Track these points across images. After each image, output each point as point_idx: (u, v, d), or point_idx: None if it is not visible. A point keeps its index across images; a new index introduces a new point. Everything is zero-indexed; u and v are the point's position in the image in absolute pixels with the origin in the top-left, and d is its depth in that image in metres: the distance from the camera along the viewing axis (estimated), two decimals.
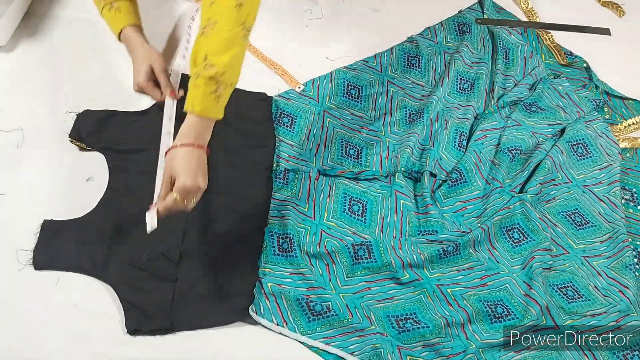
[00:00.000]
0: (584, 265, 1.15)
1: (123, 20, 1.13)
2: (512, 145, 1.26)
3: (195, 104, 0.89)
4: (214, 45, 0.86)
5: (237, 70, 0.91)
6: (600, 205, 1.23)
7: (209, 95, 0.88)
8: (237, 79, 0.92)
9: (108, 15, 1.12)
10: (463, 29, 1.48)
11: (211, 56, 0.86)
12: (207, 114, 0.90)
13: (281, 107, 1.24)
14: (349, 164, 1.21)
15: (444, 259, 1.09)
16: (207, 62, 0.86)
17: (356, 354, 0.97)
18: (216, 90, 0.88)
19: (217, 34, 0.86)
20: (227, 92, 0.91)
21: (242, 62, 0.91)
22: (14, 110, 1.15)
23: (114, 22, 1.14)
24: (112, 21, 1.14)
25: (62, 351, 0.92)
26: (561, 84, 1.42)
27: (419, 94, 1.36)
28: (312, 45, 1.40)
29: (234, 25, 0.86)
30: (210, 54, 0.86)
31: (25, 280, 0.97)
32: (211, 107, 0.90)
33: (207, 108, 0.89)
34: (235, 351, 0.96)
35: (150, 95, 1.15)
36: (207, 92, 0.88)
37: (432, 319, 1.02)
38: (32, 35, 1.27)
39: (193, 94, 0.89)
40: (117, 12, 1.11)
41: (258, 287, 1.01)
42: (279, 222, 1.09)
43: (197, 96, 0.88)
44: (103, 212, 1.04)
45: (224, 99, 0.91)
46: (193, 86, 0.89)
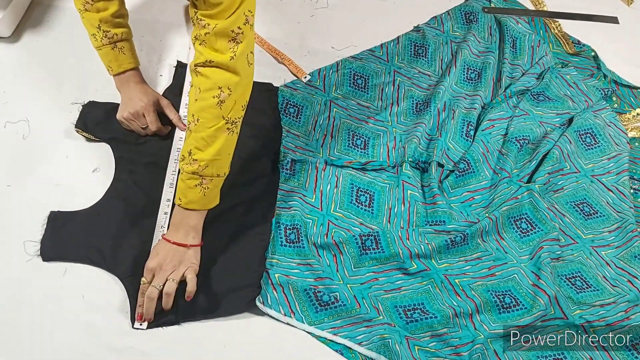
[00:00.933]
0: (592, 255, 1.14)
1: (128, 63, 1.08)
2: (520, 135, 1.25)
3: (182, 197, 0.94)
4: (196, 141, 0.90)
5: (225, 161, 0.94)
6: (608, 195, 1.23)
7: (194, 189, 0.92)
8: (227, 168, 0.96)
9: (110, 53, 1.06)
10: (470, 18, 1.47)
11: (194, 152, 0.90)
12: (193, 206, 0.94)
13: (287, 98, 1.24)
14: (355, 155, 1.20)
15: (451, 250, 1.09)
16: (191, 157, 0.91)
17: (364, 344, 0.97)
18: (201, 183, 0.92)
19: (200, 131, 0.89)
20: (216, 183, 0.95)
21: (230, 153, 0.95)
22: (19, 102, 1.15)
23: (118, 62, 1.07)
24: (115, 61, 1.07)
25: (69, 342, 0.92)
26: (569, 73, 1.41)
27: (426, 84, 1.35)
28: (318, 35, 1.40)
29: (216, 121, 0.89)
30: (193, 149, 0.90)
31: (33, 271, 0.97)
32: (197, 199, 0.94)
33: (193, 201, 0.94)
34: (243, 342, 0.96)
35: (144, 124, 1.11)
36: (190, 185, 0.92)
37: (440, 309, 1.01)
38: (37, 27, 1.27)
39: (180, 186, 0.94)
40: (122, 52, 1.07)
41: (265, 278, 1.01)
42: (286, 213, 1.08)
43: (183, 189, 0.93)
44: (110, 203, 1.04)
45: (211, 190, 0.94)
46: (180, 179, 0.94)
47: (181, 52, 1.28)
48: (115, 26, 1.05)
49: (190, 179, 0.92)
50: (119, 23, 1.05)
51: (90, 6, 1.02)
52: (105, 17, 1.03)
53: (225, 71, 0.87)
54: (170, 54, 1.28)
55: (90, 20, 1.04)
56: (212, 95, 0.87)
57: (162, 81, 1.22)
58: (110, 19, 1.03)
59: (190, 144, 0.90)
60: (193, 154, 0.90)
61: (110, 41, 1.04)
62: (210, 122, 0.88)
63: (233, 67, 0.87)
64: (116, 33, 1.05)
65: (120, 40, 1.05)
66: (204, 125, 0.89)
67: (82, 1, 1.02)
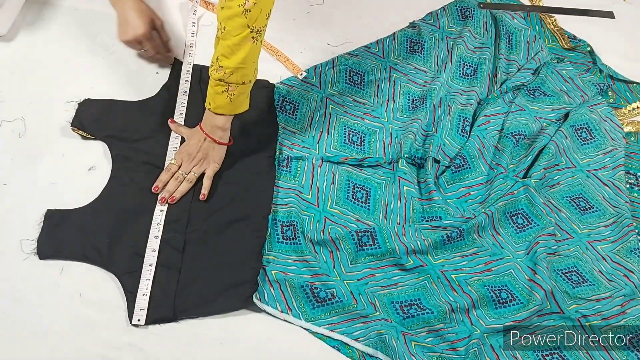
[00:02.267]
0: (588, 250, 1.14)
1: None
2: (516, 131, 1.25)
3: (210, 102, 1.01)
4: (223, 49, 0.93)
5: (249, 69, 0.97)
6: (604, 189, 1.23)
7: (221, 95, 0.98)
8: (252, 76, 0.99)
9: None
10: (465, 14, 1.47)
11: (221, 59, 0.94)
12: (221, 111, 1.01)
13: (283, 95, 1.24)
14: (352, 151, 1.20)
15: (448, 245, 1.09)
16: (218, 64, 0.95)
17: (361, 340, 0.98)
18: (227, 89, 0.97)
19: (226, 38, 0.92)
20: (242, 90, 0.99)
21: (254, 61, 0.98)
22: (15, 100, 1.15)
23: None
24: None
25: (67, 340, 0.92)
26: (565, 68, 1.41)
27: (422, 80, 1.35)
28: (313, 31, 1.39)
29: (241, 29, 0.91)
30: (220, 57, 0.94)
31: (30, 269, 0.97)
32: (224, 105, 1.00)
33: (221, 106, 1.00)
34: (240, 338, 0.96)
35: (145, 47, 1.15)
36: (218, 91, 0.98)
37: (436, 305, 1.02)
38: (33, 25, 1.26)
39: (209, 91, 1.00)
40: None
41: (262, 274, 1.01)
42: (283, 210, 1.09)
43: (211, 94, 1.00)
44: (106, 201, 1.04)
45: (237, 97, 0.99)
46: (209, 85, 0.99)
47: (178, 49, 1.28)
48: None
49: (217, 85, 0.97)
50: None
51: None
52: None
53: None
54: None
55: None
56: (237, 4, 0.88)
57: (158, 78, 1.22)
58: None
59: (217, 51, 0.95)
60: (220, 61, 0.94)
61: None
62: (236, 30, 0.91)
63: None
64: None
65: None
66: (230, 33, 0.91)
67: None
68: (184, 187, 1.06)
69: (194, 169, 1.07)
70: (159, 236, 1.02)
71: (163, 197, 1.05)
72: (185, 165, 1.06)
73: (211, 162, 1.07)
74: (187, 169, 1.06)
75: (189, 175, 1.06)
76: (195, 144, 1.06)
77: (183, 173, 1.06)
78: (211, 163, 1.07)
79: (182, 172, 1.06)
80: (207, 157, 1.07)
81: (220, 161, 1.09)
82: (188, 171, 1.06)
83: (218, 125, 1.04)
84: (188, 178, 1.06)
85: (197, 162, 1.07)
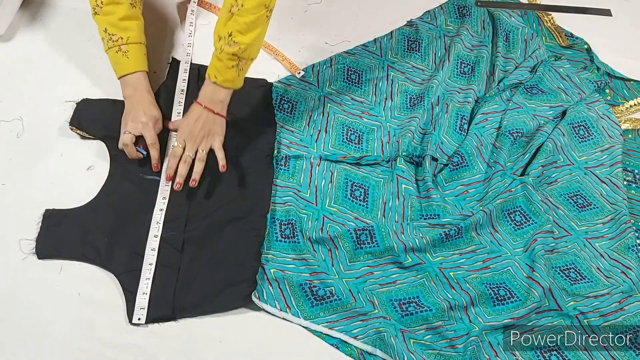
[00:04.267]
0: (586, 247, 1.15)
1: (130, 67, 1.07)
2: (514, 128, 1.26)
3: (217, 75, 1.02)
4: (239, 25, 0.96)
5: (258, 46, 1.03)
6: (602, 186, 1.23)
7: (231, 69, 1.01)
8: (257, 54, 1.04)
9: (114, 57, 1.06)
10: (463, 12, 1.47)
11: (235, 35, 0.97)
12: (228, 84, 1.03)
13: (281, 93, 1.24)
14: (350, 149, 1.20)
15: (446, 243, 1.09)
16: (231, 39, 0.97)
17: (359, 338, 0.98)
18: (238, 64, 1.00)
19: (243, 15, 0.96)
20: (248, 65, 1.04)
21: (263, 39, 1.04)
22: (13, 100, 1.15)
23: (119, 66, 1.07)
24: (117, 65, 1.07)
25: (67, 339, 0.93)
26: (562, 66, 1.41)
27: (420, 78, 1.35)
28: (311, 30, 1.40)
29: (259, 8, 0.96)
30: (234, 32, 0.97)
31: (29, 269, 0.97)
32: (232, 78, 1.02)
33: (229, 79, 1.02)
34: (239, 337, 0.97)
35: (130, 154, 1.07)
36: (229, 65, 1.00)
37: (435, 302, 1.02)
38: (31, 24, 1.26)
39: (216, 65, 1.01)
40: (125, 56, 1.06)
41: (261, 273, 1.01)
42: (281, 209, 1.09)
43: (219, 68, 1.01)
44: (105, 201, 1.05)
45: (244, 71, 1.04)
46: (216, 59, 1.01)
47: (176, 49, 1.28)
48: (122, 30, 1.05)
49: (229, 59, 0.99)
50: (127, 27, 1.06)
51: (100, 9, 1.05)
52: (112, 21, 1.05)
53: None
54: (165, 51, 1.28)
55: (99, 23, 1.06)
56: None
57: (156, 78, 1.22)
58: (116, 23, 1.05)
59: (231, 26, 0.97)
60: (234, 36, 0.97)
61: (115, 44, 1.05)
62: (255, 9, 0.95)
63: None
64: (121, 37, 1.05)
65: (125, 43, 1.05)
66: (249, 11, 0.95)
67: (94, 4, 1.05)
68: (199, 166, 1.05)
69: (201, 146, 1.05)
70: (158, 235, 1.02)
71: (179, 182, 1.04)
72: (190, 145, 1.05)
73: (216, 135, 1.06)
74: (194, 148, 1.05)
75: (199, 154, 1.05)
76: (195, 121, 1.05)
77: (190, 154, 1.05)
78: (216, 136, 1.06)
79: (189, 153, 1.05)
80: (210, 131, 1.06)
81: (223, 132, 1.07)
82: (195, 150, 1.05)
83: (220, 98, 1.04)
84: (199, 157, 1.05)
85: (200, 140, 1.05)
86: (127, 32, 1.06)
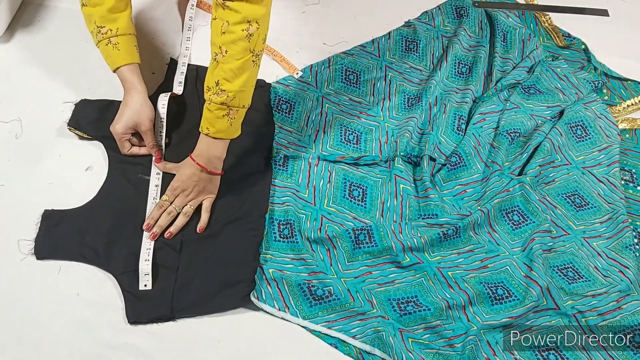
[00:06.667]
0: (584, 246, 1.15)
1: (121, 59, 1.05)
2: (511, 128, 1.26)
3: (209, 127, 0.98)
4: (225, 72, 0.93)
5: (249, 93, 0.98)
6: (599, 186, 1.24)
7: (222, 119, 0.97)
8: (249, 101, 1.00)
9: (105, 50, 1.05)
10: (460, 13, 1.48)
11: (222, 83, 0.93)
12: (220, 135, 0.99)
13: (279, 94, 1.24)
14: (348, 150, 1.21)
15: (444, 242, 1.10)
16: (219, 87, 0.94)
17: (358, 337, 0.98)
18: (228, 113, 0.96)
19: (228, 62, 0.92)
20: (240, 114, 0.99)
21: (253, 84, 0.99)
22: (12, 101, 1.15)
23: (111, 59, 1.06)
24: (108, 57, 1.06)
25: (65, 340, 0.93)
26: (559, 66, 1.41)
27: (417, 79, 1.35)
28: (309, 31, 1.40)
29: (244, 54, 0.92)
30: (221, 80, 0.93)
31: (27, 269, 0.97)
32: (225, 129, 0.98)
33: (221, 130, 0.98)
34: (238, 337, 0.97)
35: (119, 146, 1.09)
36: (218, 115, 0.96)
37: (433, 302, 1.02)
38: (29, 26, 1.26)
39: (207, 116, 0.98)
40: (115, 48, 1.04)
41: (259, 273, 1.01)
42: (280, 209, 1.09)
43: (210, 119, 0.98)
44: (103, 201, 1.05)
45: (237, 120, 0.99)
46: (206, 110, 0.98)
47: (174, 49, 1.28)
48: (111, 21, 1.04)
49: (218, 109, 0.96)
50: (115, 18, 1.04)
51: (88, 0, 1.03)
52: (101, 12, 1.02)
53: (254, 5, 0.90)
54: (163, 52, 1.28)
55: (87, 16, 1.04)
56: (241, 28, 0.90)
57: (154, 79, 1.22)
58: (105, 14, 1.03)
59: (217, 74, 0.93)
60: (221, 85, 0.93)
61: (104, 37, 1.04)
62: (239, 54, 0.91)
63: (262, 1, 0.90)
64: (110, 29, 1.03)
65: (115, 35, 1.04)
66: (233, 57, 0.92)
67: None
68: (181, 220, 1.03)
69: (190, 202, 1.04)
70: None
71: (154, 232, 1.01)
72: (180, 200, 1.03)
73: (208, 194, 1.05)
74: (183, 203, 1.03)
75: (186, 209, 1.03)
76: (189, 178, 1.03)
77: (177, 207, 1.03)
78: (208, 194, 1.05)
79: (176, 206, 1.03)
80: (204, 189, 1.04)
81: (216, 191, 1.06)
82: (184, 204, 1.04)
83: (216, 154, 1.02)
84: (185, 211, 1.03)
85: (193, 197, 1.04)
86: (115, 23, 1.04)
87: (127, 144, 1.08)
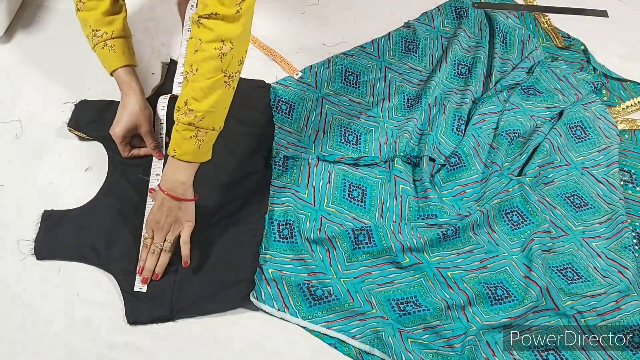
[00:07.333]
0: (583, 247, 1.15)
1: (117, 61, 1.05)
2: (511, 129, 1.26)
3: (176, 148, 0.93)
4: (194, 91, 0.88)
5: (220, 115, 0.93)
6: (599, 186, 1.24)
7: (189, 140, 0.91)
8: (221, 123, 0.94)
9: (101, 53, 1.04)
10: (460, 13, 1.48)
11: (191, 102, 0.89)
12: (187, 158, 0.93)
13: (279, 95, 1.24)
14: (348, 150, 1.21)
15: (443, 243, 1.10)
16: (187, 107, 0.89)
17: (357, 337, 0.98)
18: (196, 135, 0.91)
19: (198, 81, 0.88)
20: (210, 136, 0.93)
21: (226, 107, 0.94)
22: (11, 102, 1.16)
23: (107, 62, 1.06)
24: (105, 60, 1.06)
25: (65, 339, 0.93)
26: (559, 67, 1.41)
27: (417, 79, 1.36)
28: (309, 32, 1.40)
29: (215, 73, 0.88)
30: (190, 100, 0.89)
31: (27, 269, 0.98)
32: (192, 151, 0.92)
33: (187, 152, 0.92)
34: (237, 337, 0.97)
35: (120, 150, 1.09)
36: (186, 136, 0.91)
37: (432, 302, 1.02)
38: (29, 27, 1.27)
39: (174, 137, 0.93)
40: (112, 51, 1.04)
41: (259, 273, 1.01)
42: (279, 209, 1.09)
43: (177, 140, 0.92)
44: (103, 201, 1.05)
45: (206, 143, 0.93)
46: (174, 130, 0.92)
47: (174, 50, 1.29)
48: (106, 24, 1.03)
49: (185, 130, 0.90)
50: (110, 21, 1.04)
51: (83, 5, 1.02)
52: (96, 16, 1.02)
53: (229, 24, 0.86)
54: (162, 52, 1.28)
55: (82, 20, 1.04)
56: (214, 47, 0.86)
57: (153, 79, 1.23)
58: (100, 18, 1.03)
59: (187, 93, 0.89)
60: (189, 104, 0.89)
61: (100, 40, 1.03)
62: (210, 73, 0.88)
63: (238, 20, 0.87)
64: (106, 32, 1.03)
65: (110, 38, 1.04)
66: (203, 76, 0.88)
67: (76, 0, 1.02)
68: (163, 258, 0.98)
69: (167, 237, 0.98)
70: None
71: (145, 277, 0.97)
72: (158, 235, 0.98)
73: (183, 223, 0.98)
74: (161, 238, 0.98)
75: (165, 245, 0.98)
76: (158, 208, 0.97)
77: (158, 245, 0.98)
78: (184, 224, 0.98)
79: (156, 244, 0.98)
80: (177, 219, 0.97)
81: (192, 219, 0.99)
82: (162, 241, 0.98)
83: (180, 180, 0.94)
84: (165, 248, 0.98)
85: (168, 228, 0.98)
86: (111, 26, 1.04)
87: (127, 148, 1.09)
